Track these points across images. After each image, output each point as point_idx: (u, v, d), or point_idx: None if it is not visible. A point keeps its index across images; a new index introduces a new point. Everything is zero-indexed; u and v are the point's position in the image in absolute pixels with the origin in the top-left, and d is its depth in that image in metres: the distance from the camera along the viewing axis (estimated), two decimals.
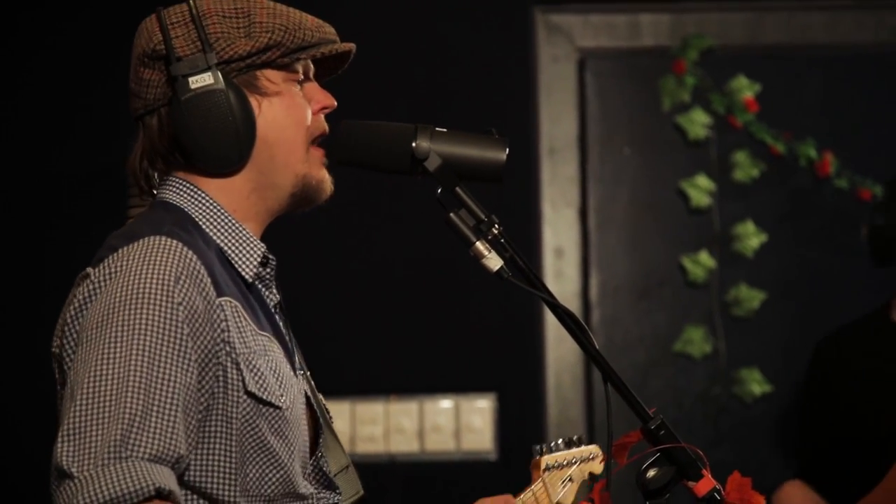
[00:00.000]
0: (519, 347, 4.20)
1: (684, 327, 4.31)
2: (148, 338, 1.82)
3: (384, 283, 4.18)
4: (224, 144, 2.00)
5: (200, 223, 2.01)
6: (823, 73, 4.36)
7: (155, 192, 2.06)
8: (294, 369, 2.06)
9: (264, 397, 1.94)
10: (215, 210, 2.02)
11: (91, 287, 1.89)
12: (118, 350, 1.81)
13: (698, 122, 4.33)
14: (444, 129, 2.04)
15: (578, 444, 2.46)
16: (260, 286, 2.06)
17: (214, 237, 2.01)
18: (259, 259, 2.04)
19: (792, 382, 4.28)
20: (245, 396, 1.92)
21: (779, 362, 4.31)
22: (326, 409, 2.15)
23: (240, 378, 1.92)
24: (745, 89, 4.33)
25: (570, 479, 2.42)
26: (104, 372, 1.80)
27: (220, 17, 2.02)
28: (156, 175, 2.05)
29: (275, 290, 2.09)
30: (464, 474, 4.16)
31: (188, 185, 2.03)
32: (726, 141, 4.34)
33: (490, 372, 4.19)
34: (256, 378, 1.94)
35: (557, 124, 4.33)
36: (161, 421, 1.80)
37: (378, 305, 4.17)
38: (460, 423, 4.18)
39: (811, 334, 4.24)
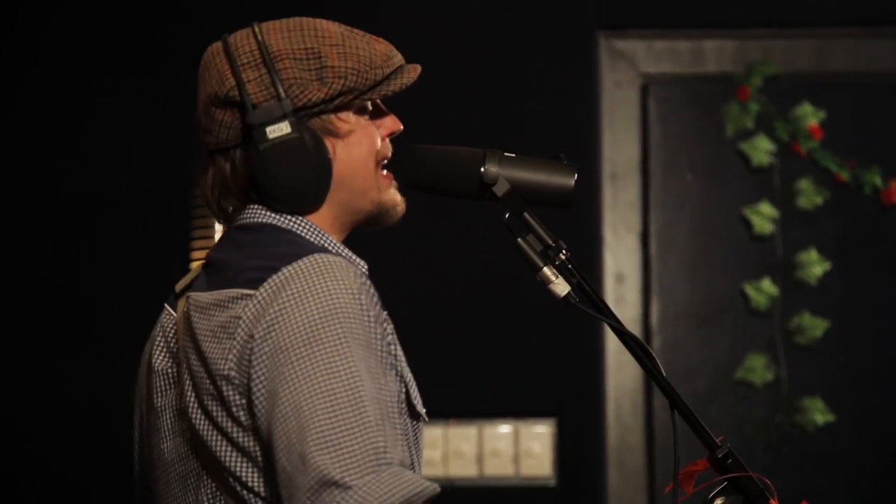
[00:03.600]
0: (579, 373, 4.19)
1: (746, 355, 4.29)
2: (359, 351, 1.84)
3: (445, 307, 4.18)
4: (302, 189, 2.01)
5: (318, 242, 2.03)
6: (889, 101, 4.33)
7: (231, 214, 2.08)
8: None
9: (419, 409, 2.00)
10: (319, 231, 2.04)
11: (267, 305, 1.87)
12: (339, 364, 1.82)
13: (762, 149, 4.30)
14: (513, 154, 2.04)
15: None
16: None
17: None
18: (365, 275, 2.06)
19: (855, 411, 4.24)
20: (406, 408, 1.97)
21: (841, 391, 4.27)
22: None
23: (404, 391, 1.97)
24: (810, 116, 4.30)
25: None
26: (334, 386, 1.80)
27: (293, 61, 2.02)
28: (230, 208, 2.07)
29: None
30: (522, 500, 4.14)
31: (282, 215, 2.04)
32: (790, 168, 4.31)
33: (550, 397, 4.18)
34: (413, 390, 2.00)
35: (620, 150, 4.32)
36: (393, 430, 1.83)
37: (438, 329, 4.17)
38: (519, 448, 4.17)
39: (874, 363, 4.21)
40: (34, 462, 4.14)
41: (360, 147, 2.06)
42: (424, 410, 2.03)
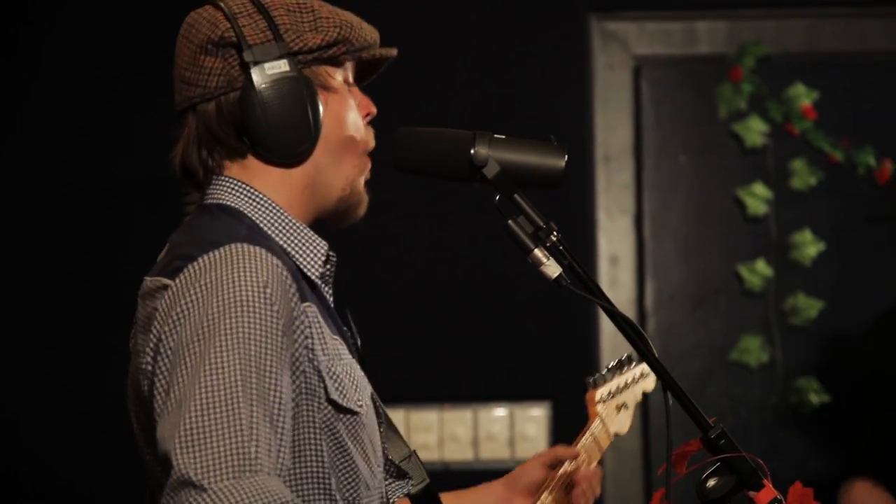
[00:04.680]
0: (574, 356, 4.19)
1: (741, 336, 4.29)
2: (253, 348, 1.80)
3: (439, 291, 4.18)
4: (296, 133, 1.99)
5: (262, 226, 2.00)
6: (882, 80, 4.33)
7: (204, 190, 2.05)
8: (362, 366, 2.07)
9: (344, 404, 1.94)
10: (275, 211, 2.01)
11: (177, 297, 1.85)
12: (225, 360, 1.77)
13: (755, 130, 4.30)
14: (503, 136, 2.03)
15: (629, 363, 2.44)
16: (322, 285, 2.05)
17: (278, 239, 2.00)
18: (324, 257, 2.03)
19: (849, 392, 4.25)
20: (326, 404, 1.92)
21: (836, 371, 4.27)
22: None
23: (321, 386, 1.91)
24: (803, 97, 4.30)
25: (625, 406, 2.40)
26: (214, 383, 1.76)
27: (286, 10, 2.02)
28: (211, 163, 2.03)
29: (331, 288, 2.09)
30: None
31: (242, 185, 2.01)
32: (783, 149, 4.31)
33: (545, 380, 4.18)
34: (336, 385, 1.93)
35: (612, 132, 4.32)
36: (274, 434, 1.78)
37: (433, 313, 4.17)
38: (515, 431, 4.17)
39: None
40: (30, 456, 4.14)
41: (348, 113, 2.05)
42: (361, 404, 1.97)
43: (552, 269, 1.98)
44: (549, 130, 2.12)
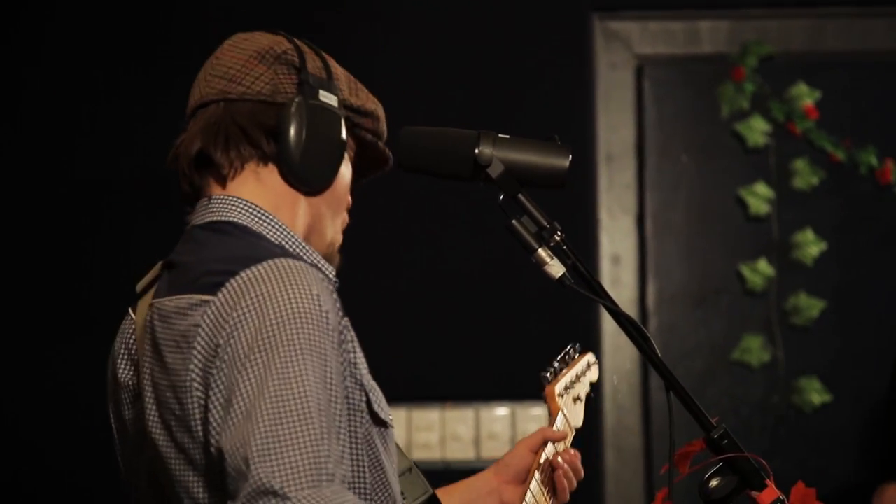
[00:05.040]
0: None
1: (742, 336, 4.29)
2: (316, 359, 1.79)
3: (441, 290, 4.18)
4: (322, 162, 2.00)
5: (286, 246, 1.99)
6: (884, 80, 4.33)
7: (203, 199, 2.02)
8: None
9: (382, 417, 1.95)
10: (290, 233, 2.00)
11: (226, 311, 1.83)
12: (291, 371, 1.76)
13: (757, 130, 4.30)
14: (507, 136, 2.03)
15: (574, 355, 2.44)
16: None
17: (299, 257, 1.98)
18: (333, 280, 2.02)
19: (851, 392, 4.25)
20: (368, 417, 1.92)
21: (838, 371, 4.27)
22: None
23: (363, 399, 1.91)
24: (805, 96, 4.30)
25: (579, 398, 2.42)
26: (285, 393, 1.75)
27: (339, 68, 2.07)
28: (236, 159, 2.00)
29: None
30: None
31: (252, 205, 1.99)
32: (785, 148, 4.31)
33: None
34: (375, 398, 1.94)
35: (615, 131, 4.32)
36: (339, 444, 1.79)
37: (434, 312, 4.17)
38: (516, 430, 4.17)
39: (871, 343, 4.21)
40: (31, 456, 4.14)
41: (348, 181, 2.07)
42: (391, 417, 1.97)
43: (556, 268, 1.98)
44: (551, 130, 2.13)
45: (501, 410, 4.18)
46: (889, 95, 4.32)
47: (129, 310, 2.06)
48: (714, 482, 1.95)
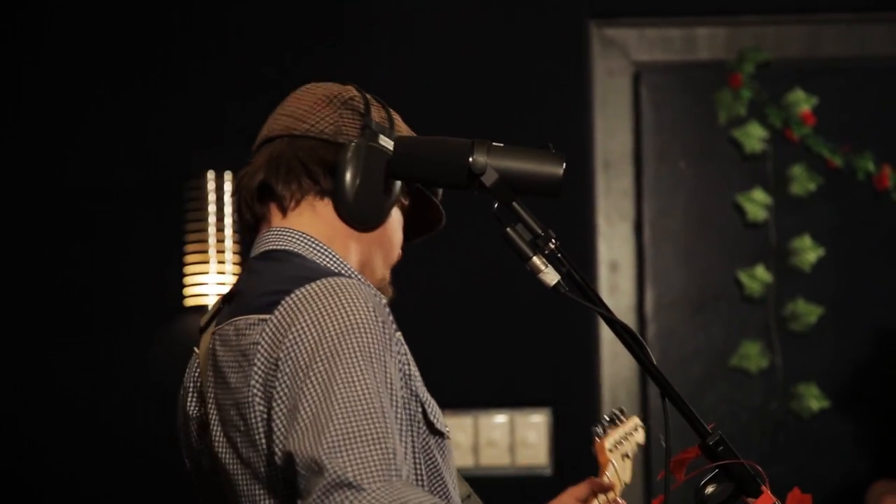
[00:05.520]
0: (574, 362, 4.19)
1: (740, 342, 4.29)
2: (375, 366, 1.85)
3: (439, 298, 4.18)
4: (375, 201, 2.06)
5: (332, 269, 2.03)
6: (881, 86, 4.33)
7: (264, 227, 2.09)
8: None
9: (440, 428, 1.99)
10: (340, 261, 2.06)
11: (286, 327, 1.88)
12: (356, 376, 1.82)
13: (755, 136, 4.30)
14: (501, 144, 2.03)
15: (621, 416, 2.49)
16: None
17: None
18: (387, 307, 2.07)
19: (850, 397, 4.25)
20: (425, 427, 1.97)
21: (836, 377, 4.27)
22: None
23: (419, 410, 1.96)
24: (802, 102, 4.30)
25: (627, 455, 2.47)
26: (351, 395, 1.80)
27: (402, 120, 2.14)
28: (297, 192, 2.07)
29: None
30: (518, 489, 4.15)
31: (306, 236, 2.06)
32: (783, 154, 4.31)
33: (545, 387, 4.18)
34: (431, 409, 1.99)
35: (612, 138, 4.32)
36: (401, 446, 1.84)
37: (433, 320, 4.17)
38: (515, 437, 4.17)
39: (869, 349, 4.21)
40: (30, 456, 4.14)
41: (399, 230, 2.15)
42: (448, 428, 2.02)
43: (550, 276, 1.98)
44: (548, 137, 2.13)
45: (500, 418, 4.18)
46: (886, 101, 4.33)
47: (195, 348, 2.11)
48: (710, 489, 1.96)
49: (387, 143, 2.06)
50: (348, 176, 2.03)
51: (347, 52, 4.18)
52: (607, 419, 2.48)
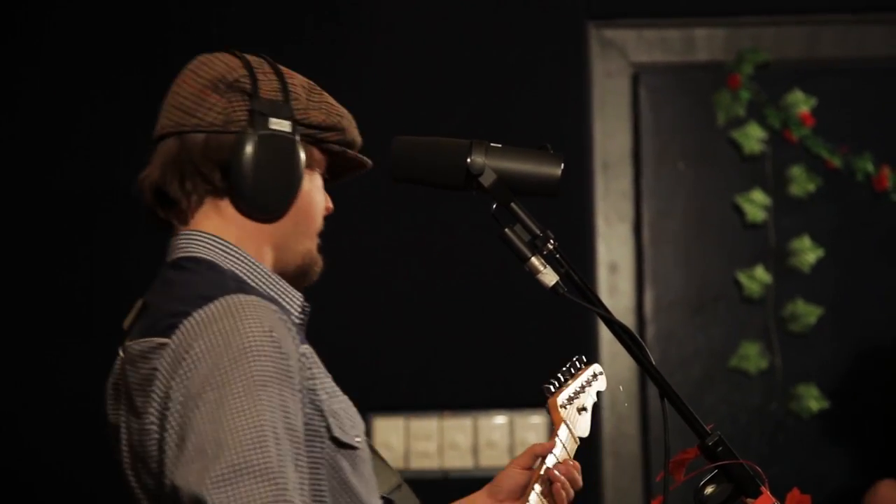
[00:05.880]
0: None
1: (740, 343, 4.29)
2: (270, 390, 1.81)
3: (438, 299, 4.18)
4: (276, 190, 2.00)
5: (245, 278, 2.00)
6: (880, 87, 4.33)
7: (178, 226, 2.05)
8: None
9: (345, 440, 1.94)
10: (252, 263, 2.01)
11: (181, 353, 1.86)
12: (246, 404, 1.79)
13: (754, 137, 4.30)
14: (499, 145, 2.03)
15: (580, 365, 2.45)
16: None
17: (261, 290, 2.00)
18: (300, 307, 2.04)
19: (849, 398, 4.25)
20: (329, 442, 1.93)
21: (836, 378, 4.27)
22: None
23: (324, 425, 1.92)
24: (801, 103, 4.30)
25: (584, 408, 2.42)
26: (239, 425, 1.77)
27: (298, 83, 2.05)
28: (193, 196, 2.02)
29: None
30: None
31: (215, 238, 2.01)
32: (782, 155, 4.31)
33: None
34: (337, 423, 1.94)
35: (611, 139, 4.32)
36: (297, 472, 1.80)
37: (432, 321, 4.17)
38: (515, 438, 4.17)
39: (868, 349, 4.21)
40: (30, 457, 4.14)
41: (318, 195, 2.07)
42: (359, 439, 1.97)
43: (549, 277, 1.98)
44: (547, 138, 2.13)
45: (500, 419, 4.18)
46: (885, 102, 4.33)
47: (119, 349, 2.08)
48: (709, 489, 1.96)
49: (280, 124, 2.00)
50: (242, 171, 1.98)
51: (346, 52, 4.18)
52: (561, 372, 2.43)
